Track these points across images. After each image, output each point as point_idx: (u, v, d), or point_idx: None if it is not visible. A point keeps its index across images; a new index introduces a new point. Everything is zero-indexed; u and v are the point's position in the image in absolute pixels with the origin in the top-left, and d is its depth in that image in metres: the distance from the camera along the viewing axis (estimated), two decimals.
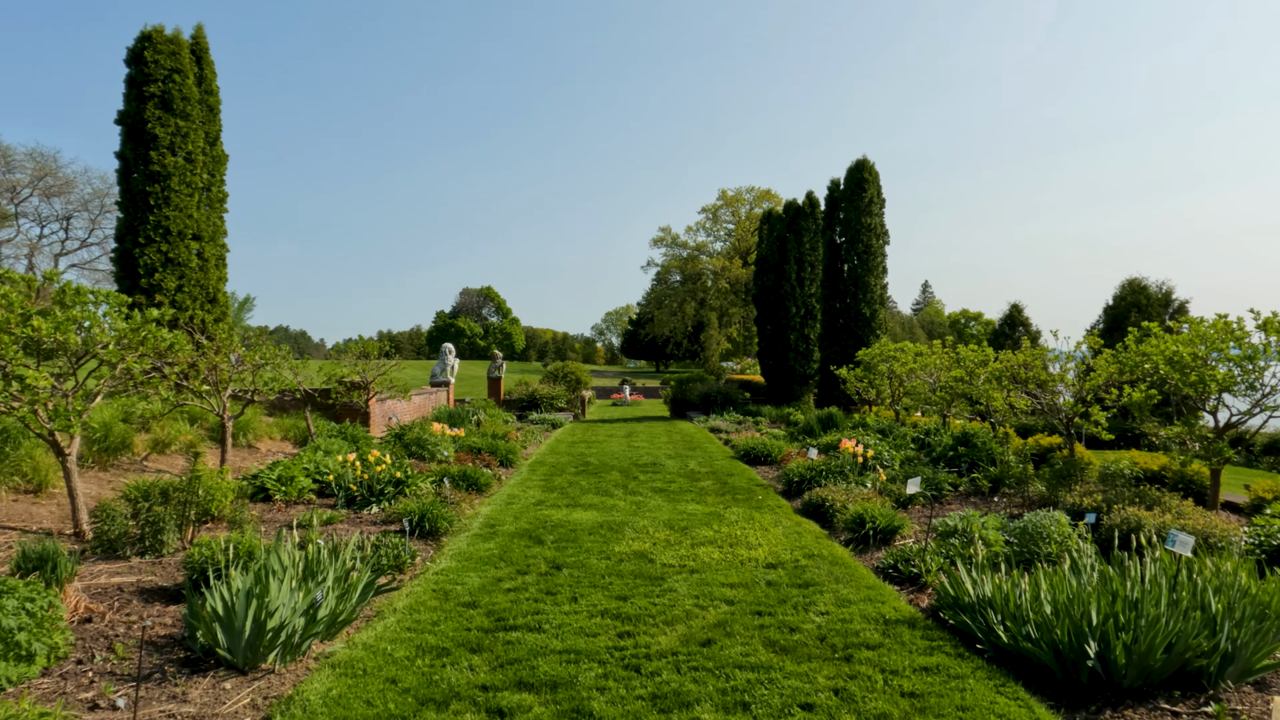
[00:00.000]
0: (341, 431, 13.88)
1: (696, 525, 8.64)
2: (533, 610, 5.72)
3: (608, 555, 7.36)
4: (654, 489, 11.19)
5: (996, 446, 12.37)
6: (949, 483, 10.95)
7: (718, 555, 7.32)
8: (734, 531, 8.30)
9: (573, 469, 13.20)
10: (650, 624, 5.43)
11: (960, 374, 14.32)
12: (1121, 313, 27.54)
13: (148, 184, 15.41)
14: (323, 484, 10.70)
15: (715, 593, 6.13)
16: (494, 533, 8.30)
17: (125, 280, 15.53)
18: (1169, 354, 8.58)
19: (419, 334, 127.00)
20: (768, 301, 31.07)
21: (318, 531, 8.11)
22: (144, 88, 15.55)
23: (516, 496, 10.52)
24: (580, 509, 9.69)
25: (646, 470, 13.04)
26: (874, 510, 8.06)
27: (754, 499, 10.41)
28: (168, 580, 6.47)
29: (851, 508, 8.35)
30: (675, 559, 7.20)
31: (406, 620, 5.49)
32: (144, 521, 7.29)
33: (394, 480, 10.05)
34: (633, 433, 20.25)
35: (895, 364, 17.73)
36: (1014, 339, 34.88)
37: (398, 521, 8.67)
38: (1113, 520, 6.97)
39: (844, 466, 11.25)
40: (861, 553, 7.61)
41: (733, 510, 9.54)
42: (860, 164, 25.74)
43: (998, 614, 4.90)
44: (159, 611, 5.67)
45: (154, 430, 12.28)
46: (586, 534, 8.22)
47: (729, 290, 67.54)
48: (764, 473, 13.07)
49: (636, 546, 7.65)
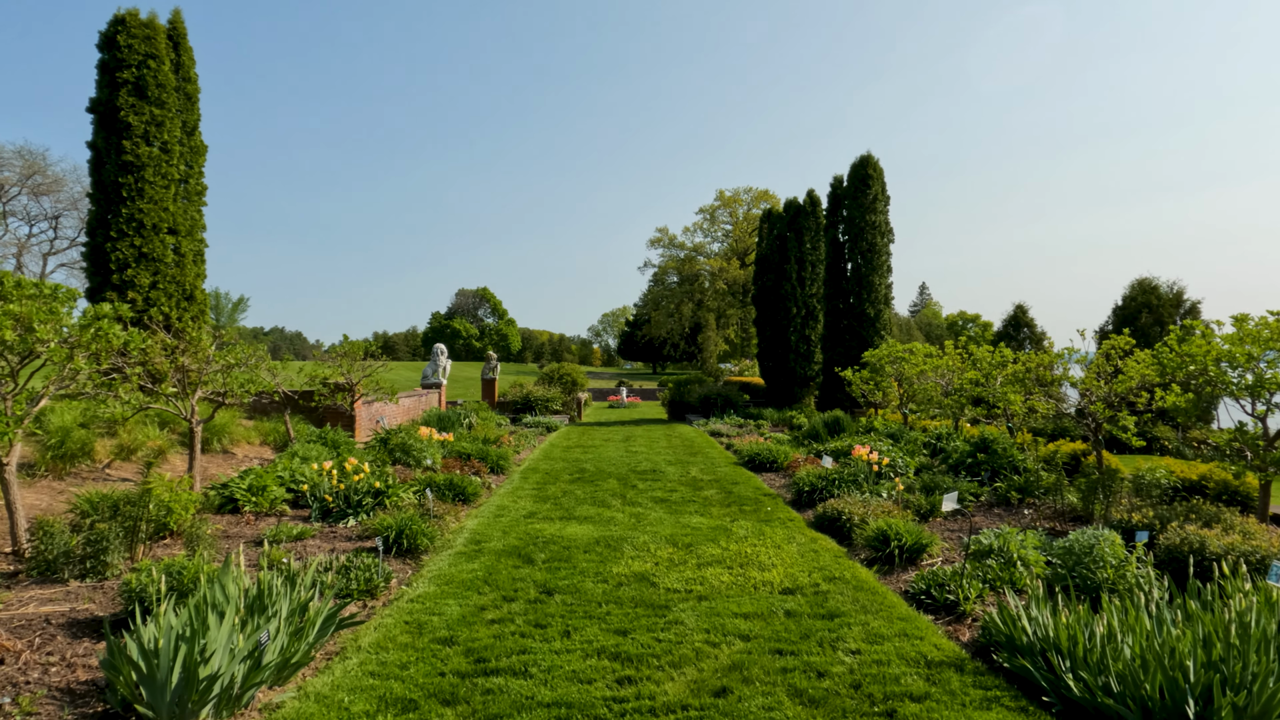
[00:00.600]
0: (321, 436, 13.09)
1: (702, 542, 7.88)
2: (519, 648, 4.96)
3: (605, 578, 6.61)
4: (654, 499, 10.44)
5: (1017, 453, 11.65)
6: (969, 492, 10.24)
7: (727, 578, 6.57)
8: (744, 549, 7.55)
9: (567, 477, 12.44)
10: (654, 666, 4.68)
11: (975, 376, 13.59)
12: (1132, 313, 26.86)
13: (120, 175, 14.61)
14: (298, 494, 9.93)
15: (727, 625, 5.38)
16: (479, 550, 7.54)
17: (96, 276, 14.73)
18: (1218, 355, 7.87)
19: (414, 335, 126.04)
20: (767, 302, 30.32)
21: (283, 550, 7.34)
22: (117, 74, 14.75)
23: (506, 508, 9.76)
24: (575, 522, 8.93)
25: (646, 478, 12.29)
26: (898, 526, 7.32)
27: (762, 510, 9.66)
28: (106, 609, 5.70)
29: (872, 523, 7.61)
30: (680, 582, 6.45)
31: (371, 662, 4.73)
32: (85, 540, 6.51)
33: (373, 491, 9.29)
34: (630, 437, 19.49)
35: (905, 366, 16.99)
36: (1019, 340, 34.20)
37: (376, 536, 7.90)
38: (1170, 539, 6.23)
39: (858, 475, 10.51)
40: (886, 574, 6.87)
41: (740, 524, 8.79)
42: (865, 159, 25.03)
43: (1064, 658, 4.16)
44: (86, 650, 4.89)
45: (120, 435, 11.49)
46: (581, 552, 7.46)
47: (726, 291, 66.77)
48: (770, 480, 12.33)
49: (637, 567, 6.90)
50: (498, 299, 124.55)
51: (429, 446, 12.83)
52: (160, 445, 11.88)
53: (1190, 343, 8.41)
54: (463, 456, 13.12)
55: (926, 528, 8.03)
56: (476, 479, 11.11)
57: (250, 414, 15.47)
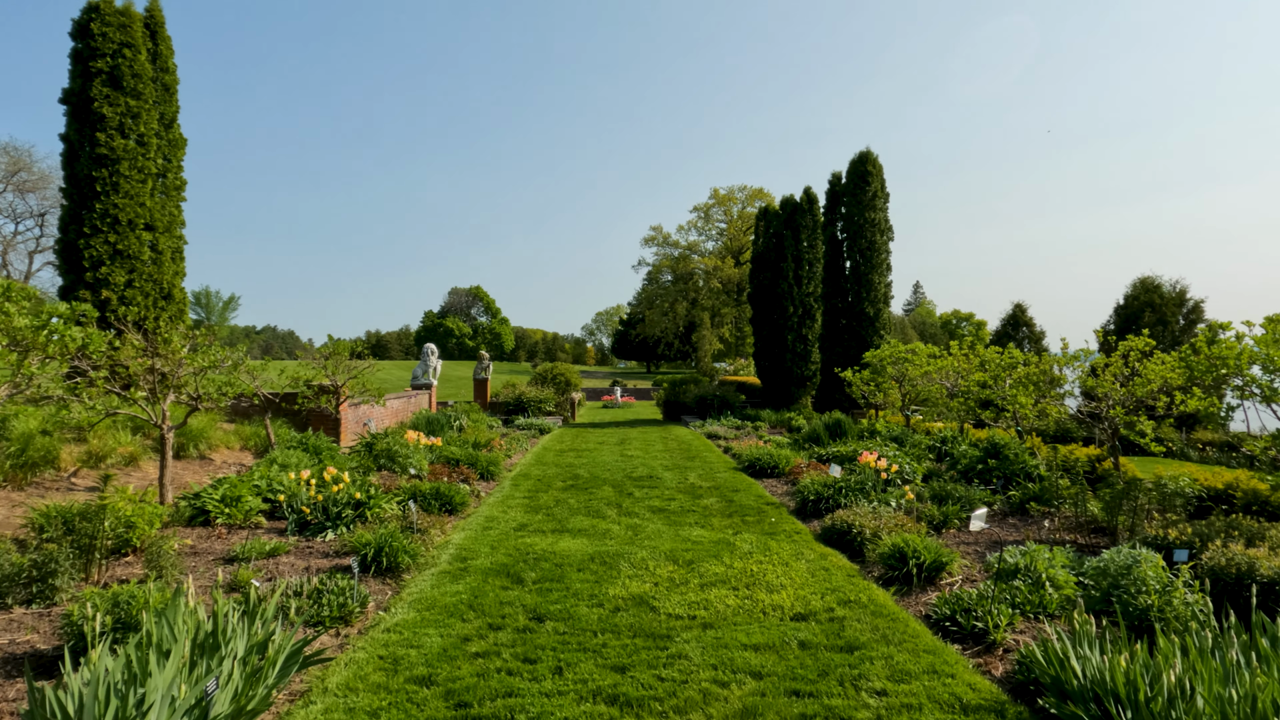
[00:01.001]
0: (302, 442, 12.51)
1: (704, 558, 7.38)
2: (505, 689, 4.44)
3: (601, 600, 6.09)
4: (652, 509, 9.92)
5: (1030, 459, 11.19)
6: (982, 500, 9.77)
7: (733, 601, 6.06)
8: (749, 567, 7.04)
9: (560, 483, 11.91)
10: (657, 712, 4.16)
11: (983, 378, 13.13)
12: (1134, 312, 26.48)
13: (94, 168, 14.00)
14: (276, 504, 9.37)
15: (736, 659, 4.87)
16: (465, 569, 7.01)
17: (69, 274, 14.11)
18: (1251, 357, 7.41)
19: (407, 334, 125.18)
20: (764, 301, 29.81)
21: (253, 569, 6.80)
22: (90, 63, 14.14)
23: (496, 519, 9.23)
24: (568, 535, 8.41)
25: (642, 485, 11.77)
26: (915, 543, 6.82)
27: (766, 521, 9.17)
28: (50, 640, 5.15)
29: (887, 538, 7.11)
30: (683, 606, 5.94)
31: (338, 709, 4.20)
32: (33, 561, 5.96)
33: (353, 502, 8.74)
34: (625, 439, 18.98)
35: (908, 367, 16.52)
36: (1018, 340, 33.81)
37: (354, 553, 7.36)
38: (1214, 560, 5.75)
39: (865, 483, 10.02)
40: (904, 595, 6.38)
41: (744, 537, 8.29)
42: (864, 155, 24.56)
43: (1124, 708, 3.67)
44: (19, 694, 4.35)
45: (90, 442, 10.91)
46: (575, 570, 6.94)
47: (721, 290, 66.36)
48: (772, 488, 11.83)
49: (635, 589, 6.38)
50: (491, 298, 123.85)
51: (415, 452, 12.29)
52: (132, 452, 11.30)
53: (1219, 345, 7.95)
54: (451, 462, 12.58)
55: (941, 541, 7.54)
56: (465, 487, 10.58)
57: (231, 417, 14.89)
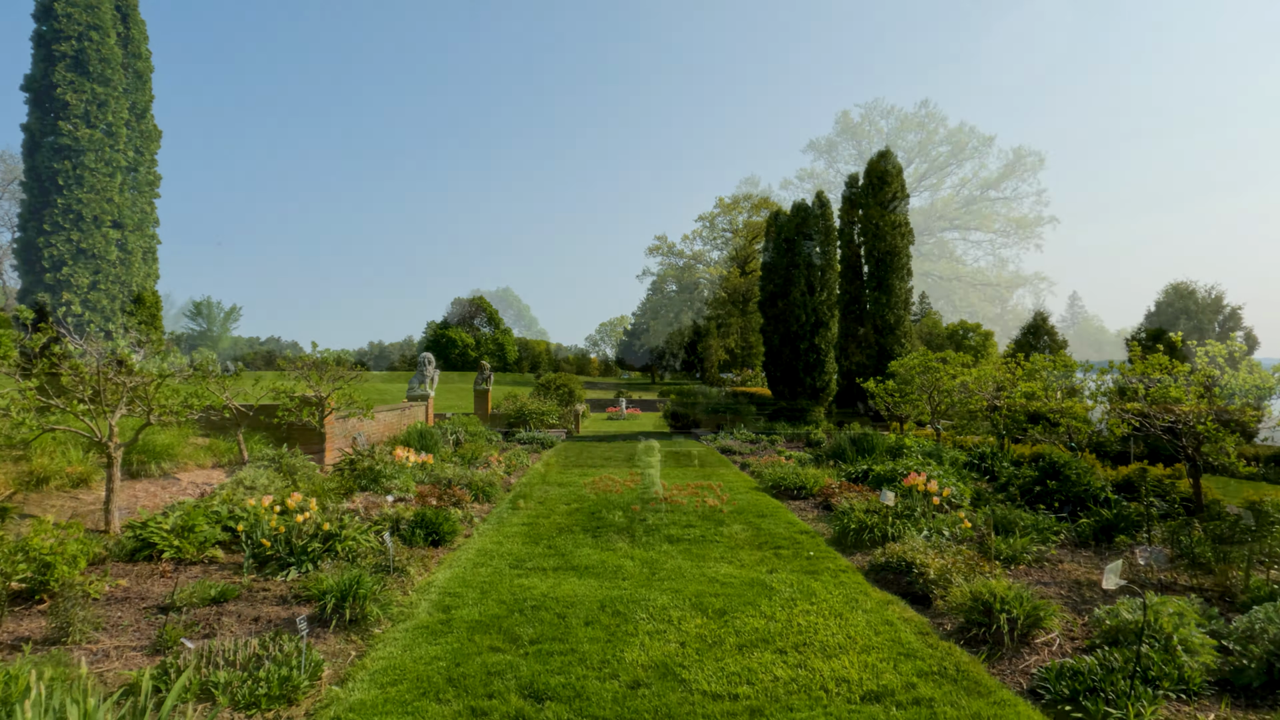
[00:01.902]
0: (275, 459, 11.26)
1: (738, 606, 6.10)
2: None
3: (614, 670, 4.82)
4: (668, 538, 8.65)
5: (1095, 480, 9.89)
6: (1049, 529, 8.50)
7: (783, 672, 4.78)
8: (794, 619, 5.76)
9: (564, 506, 10.63)
10: None
11: (1032, 388, 11.85)
12: (1168, 319, 25.25)
13: (56, 160, 12.82)
14: (236, 533, 8.13)
15: None
16: (448, 621, 5.74)
17: (28, 275, 12.90)
18: None
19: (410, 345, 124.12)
20: (774, 308, 28.57)
21: (186, 623, 5.54)
22: (54, 46, 12.97)
23: (489, 552, 7.96)
24: (573, 574, 7.13)
25: (656, 509, 10.49)
26: (999, 590, 5.54)
27: (802, 555, 7.88)
28: None
29: (963, 582, 5.84)
30: (720, 680, 4.66)
31: None
32: None
33: (322, 534, 7.48)
34: (634, 455, 17.69)
35: (942, 376, 15.23)
36: (1038, 348, 32.54)
37: (312, 601, 6.10)
38: None
39: (914, 508, 8.74)
40: (995, 659, 5.09)
41: (780, 577, 7.01)
42: (883, 154, 23.40)
43: None
44: None
45: (33, 460, 9.70)
46: (582, 625, 5.67)
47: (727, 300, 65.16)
48: (801, 512, 10.54)
49: (657, 652, 5.11)
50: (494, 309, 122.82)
51: (402, 472, 11.04)
52: (82, 472, 10.06)
53: None
54: (443, 482, 11.32)
55: (1019, 583, 6.25)
56: (457, 511, 9.32)
57: (206, 431, 13.66)
